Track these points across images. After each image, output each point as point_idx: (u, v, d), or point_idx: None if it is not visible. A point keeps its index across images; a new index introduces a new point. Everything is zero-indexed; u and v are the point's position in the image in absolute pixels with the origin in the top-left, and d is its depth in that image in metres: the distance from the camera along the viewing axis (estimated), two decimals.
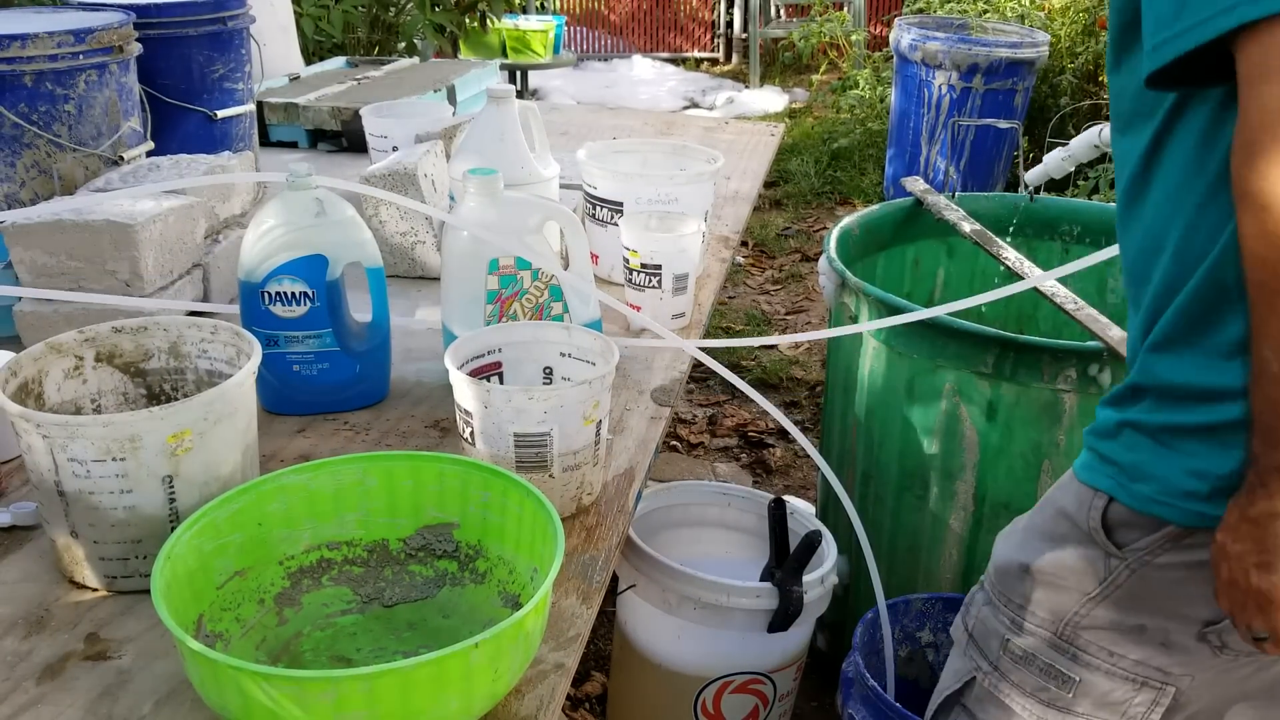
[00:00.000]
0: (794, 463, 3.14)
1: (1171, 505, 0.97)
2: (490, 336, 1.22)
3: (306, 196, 1.27)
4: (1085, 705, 1.07)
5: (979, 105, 4.77)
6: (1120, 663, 1.05)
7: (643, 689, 1.84)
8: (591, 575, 1.07)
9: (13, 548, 1.08)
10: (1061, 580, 1.07)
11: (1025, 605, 1.10)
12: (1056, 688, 1.08)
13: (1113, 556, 1.02)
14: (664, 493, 1.94)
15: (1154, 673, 1.04)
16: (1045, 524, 1.09)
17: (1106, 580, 1.03)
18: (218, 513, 0.93)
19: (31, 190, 1.61)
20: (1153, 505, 0.98)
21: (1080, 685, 1.07)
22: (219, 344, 1.12)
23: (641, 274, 1.56)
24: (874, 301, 1.85)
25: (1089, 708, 1.07)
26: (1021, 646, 1.10)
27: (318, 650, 0.97)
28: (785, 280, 4.52)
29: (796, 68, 7.80)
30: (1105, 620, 1.04)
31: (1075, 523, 1.05)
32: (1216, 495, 0.94)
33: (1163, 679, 1.03)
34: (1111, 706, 1.06)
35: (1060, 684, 1.08)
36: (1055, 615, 1.07)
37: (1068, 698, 1.08)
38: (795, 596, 1.64)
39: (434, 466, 1.01)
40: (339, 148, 2.47)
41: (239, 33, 2.04)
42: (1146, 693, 1.04)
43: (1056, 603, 1.07)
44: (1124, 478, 1.00)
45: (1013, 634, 1.11)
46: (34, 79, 1.56)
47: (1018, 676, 1.11)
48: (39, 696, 0.88)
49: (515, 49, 6.24)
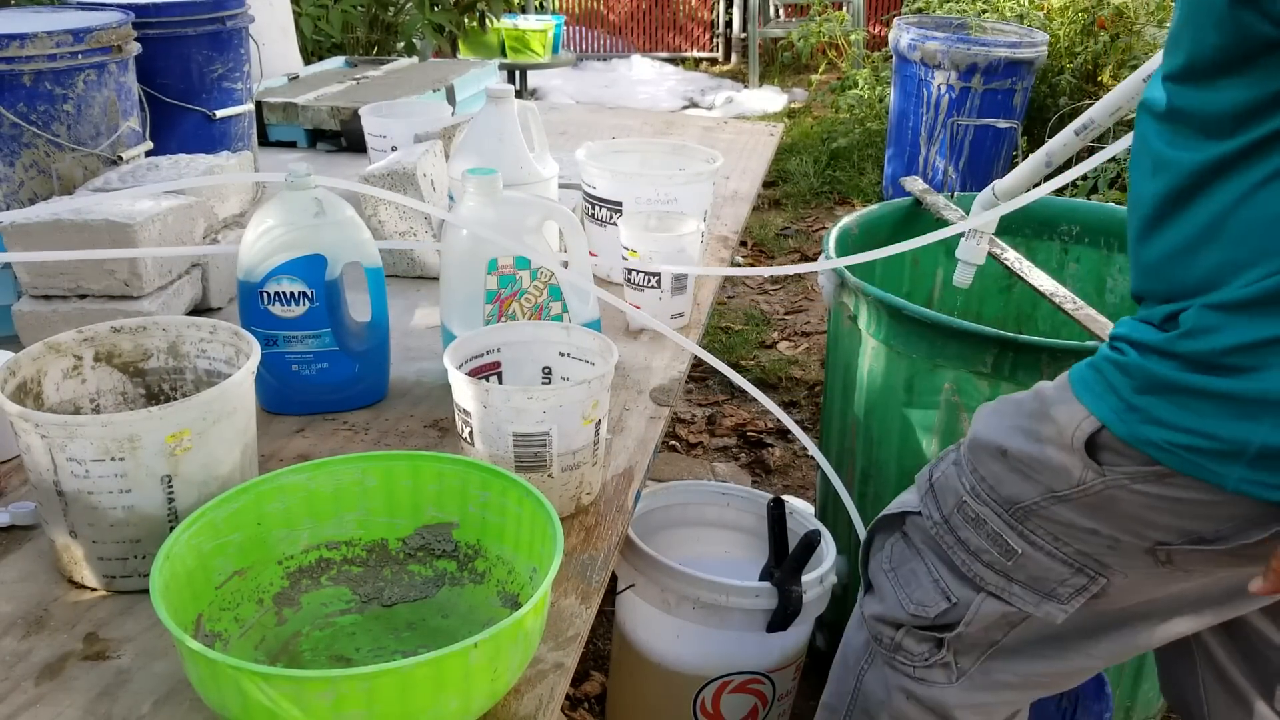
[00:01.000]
0: (793, 462, 3.14)
1: (1174, 454, 0.99)
2: (489, 336, 1.22)
3: (305, 196, 1.27)
4: (1022, 574, 1.14)
5: (978, 105, 4.77)
6: (1063, 549, 1.11)
7: (642, 689, 1.84)
8: (590, 575, 1.07)
9: (11, 547, 1.08)
10: (1032, 472, 1.11)
11: (989, 480, 1.15)
12: (998, 553, 1.15)
13: (1090, 469, 1.05)
14: (663, 492, 1.94)
15: (1091, 563, 1.10)
16: (1032, 419, 1.12)
17: (1075, 486, 1.07)
18: (217, 512, 0.93)
19: (30, 190, 1.61)
20: (1152, 449, 1.00)
21: (1020, 557, 1.13)
22: (218, 344, 1.12)
23: (640, 274, 1.56)
24: (873, 301, 1.85)
25: (1025, 577, 1.14)
26: (975, 510, 1.17)
27: (317, 650, 0.97)
28: (784, 280, 4.52)
29: (795, 67, 7.80)
30: (1061, 517, 1.10)
31: (1061, 429, 1.07)
32: (1224, 457, 0.96)
33: (1097, 569, 1.10)
34: (1042, 580, 1.13)
35: (1002, 551, 1.15)
36: (1014, 498, 1.13)
37: (1005, 564, 1.15)
38: (794, 596, 1.64)
39: (433, 466, 1.01)
40: (338, 147, 2.47)
41: (238, 32, 2.04)
42: (1080, 577, 1.11)
43: (1020, 489, 1.12)
44: (1129, 415, 1.02)
45: (970, 498, 1.17)
46: (33, 79, 1.56)
47: (964, 534, 1.18)
48: (38, 696, 0.88)
49: (514, 49, 6.25)
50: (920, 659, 1.26)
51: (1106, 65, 5.01)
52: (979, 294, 2.41)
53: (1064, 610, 1.13)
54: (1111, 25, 4.99)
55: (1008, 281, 2.36)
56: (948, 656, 1.24)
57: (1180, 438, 0.98)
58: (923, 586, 1.24)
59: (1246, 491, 0.96)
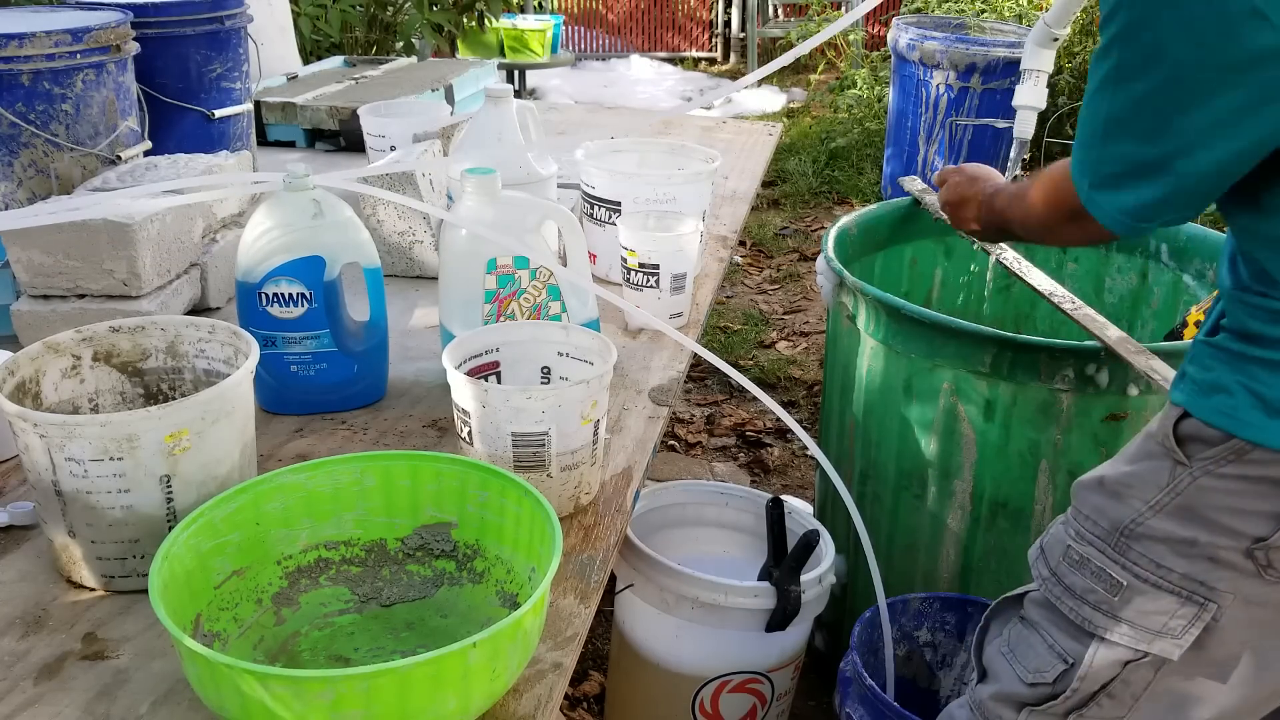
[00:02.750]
0: (792, 462, 3.14)
1: (1235, 419, 1.02)
2: (488, 336, 1.22)
3: (304, 197, 1.27)
4: (1128, 612, 1.11)
5: (976, 105, 4.77)
6: (1168, 576, 1.08)
7: (641, 688, 1.84)
8: (589, 575, 1.07)
9: (10, 547, 1.08)
10: (1128, 489, 1.11)
11: (1092, 516, 1.14)
12: (1104, 590, 1.12)
13: (1179, 464, 1.07)
14: (662, 492, 1.94)
15: (1198, 587, 1.07)
16: (1133, 447, 1.15)
17: (1168, 488, 1.07)
18: (215, 512, 0.93)
19: (29, 190, 1.61)
20: (1219, 417, 1.03)
21: (1125, 590, 1.10)
22: (216, 343, 1.12)
23: (639, 273, 1.56)
24: (872, 301, 1.85)
25: (1133, 614, 1.11)
26: (1079, 552, 1.15)
27: (315, 650, 0.97)
28: (783, 280, 4.52)
29: (794, 67, 7.80)
30: (1160, 531, 1.08)
31: (1153, 436, 1.10)
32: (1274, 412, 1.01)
33: (1206, 594, 1.07)
34: (1153, 616, 1.09)
35: (1108, 587, 1.12)
36: (1115, 523, 1.12)
37: (1113, 601, 1.11)
38: (793, 596, 1.64)
39: (432, 466, 1.01)
40: (337, 147, 2.47)
41: (237, 32, 2.03)
42: (1189, 608, 1.08)
43: (1118, 511, 1.11)
44: (1198, 392, 1.06)
45: (1074, 541, 1.16)
46: (31, 78, 1.55)
47: (1070, 580, 1.15)
48: (36, 696, 0.88)
49: (513, 48, 6.25)
50: None
51: None
52: (978, 294, 2.41)
53: (1179, 645, 1.08)
54: None
55: (1006, 281, 2.36)
56: None
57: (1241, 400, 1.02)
58: (1038, 654, 1.19)
59: None
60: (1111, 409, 1.70)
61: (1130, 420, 1.71)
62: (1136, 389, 1.67)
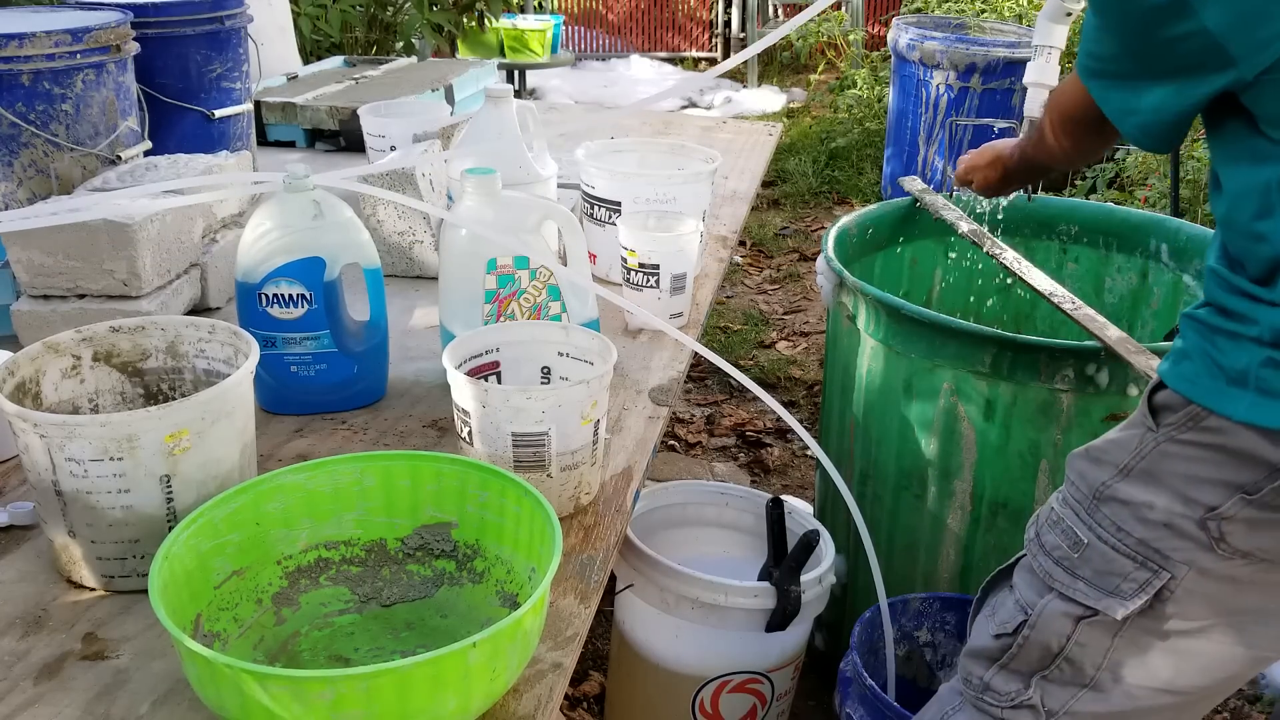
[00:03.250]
0: (792, 462, 3.14)
1: (1195, 385, 1.07)
2: (488, 336, 1.22)
3: (304, 198, 1.27)
4: (1085, 570, 1.16)
5: (976, 105, 4.77)
6: (1125, 540, 1.12)
7: (641, 688, 1.84)
8: (589, 575, 1.07)
9: (10, 547, 1.08)
10: (1105, 455, 1.16)
11: (1075, 480, 1.20)
12: (1068, 547, 1.17)
13: (1149, 430, 1.11)
14: (662, 492, 1.94)
15: (1153, 554, 1.11)
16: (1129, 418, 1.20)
17: (1135, 451, 1.12)
18: (215, 512, 0.93)
19: (29, 190, 1.61)
20: (1182, 383, 1.08)
21: (1086, 549, 1.15)
22: (216, 343, 1.12)
23: (639, 273, 1.56)
24: (872, 301, 1.85)
25: (1090, 573, 1.15)
26: (1058, 513, 1.20)
27: (315, 650, 0.97)
28: (783, 280, 4.52)
29: (794, 67, 7.80)
30: (1124, 494, 1.13)
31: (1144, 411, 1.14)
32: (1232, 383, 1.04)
33: (1160, 562, 1.11)
34: (1107, 576, 1.14)
35: (1071, 545, 1.17)
36: (1090, 486, 1.17)
37: (1074, 558, 1.17)
38: (793, 596, 1.64)
39: (432, 466, 1.01)
40: (337, 147, 2.47)
41: (236, 32, 2.03)
42: (1142, 573, 1.12)
43: (1095, 474, 1.16)
44: (1171, 361, 1.11)
45: (1057, 504, 1.22)
46: (31, 78, 1.55)
47: (1045, 538, 1.21)
48: (36, 696, 0.88)
49: (513, 48, 6.24)
50: (1007, 699, 1.23)
51: None
52: (978, 294, 2.41)
53: (1125, 606, 1.12)
54: None
55: (1006, 281, 2.36)
56: (1034, 696, 1.21)
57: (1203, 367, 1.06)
58: (1006, 608, 1.24)
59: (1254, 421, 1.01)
60: (1111, 409, 1.70)
61: None
62: (1136, 389, 1.67)
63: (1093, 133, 1.40)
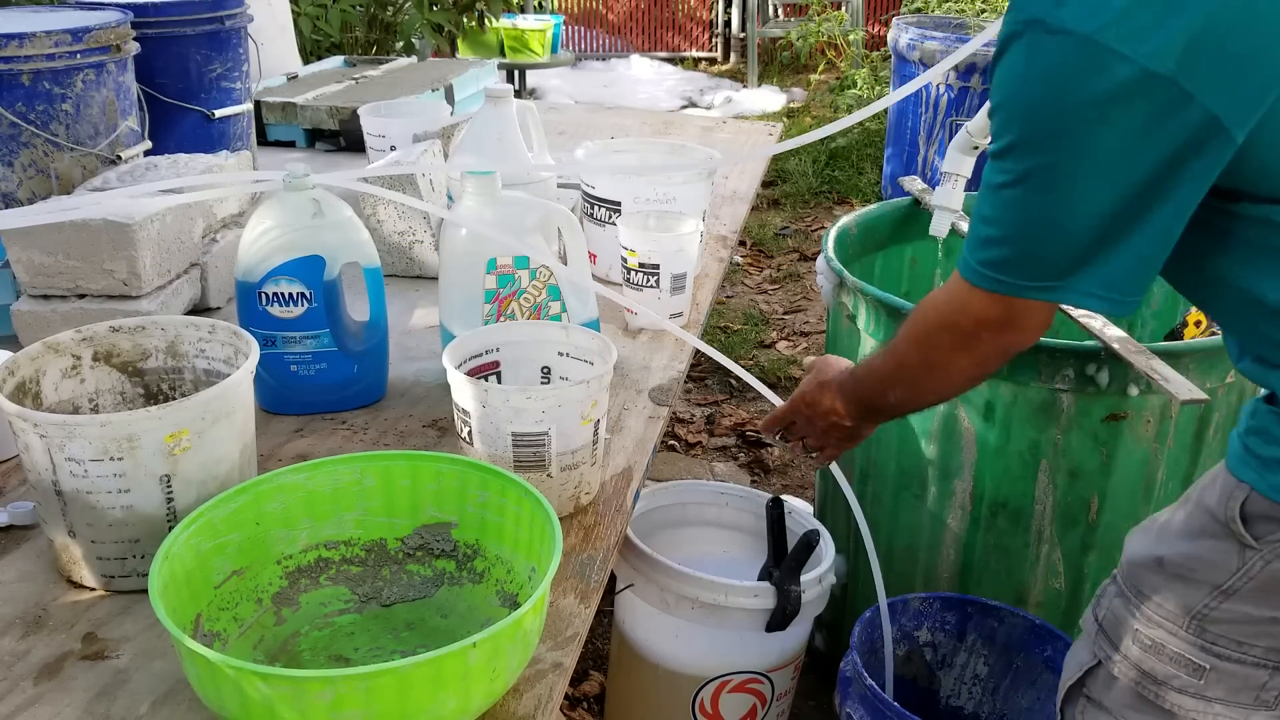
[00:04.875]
0: (792, 462, 3.14)
1: None
2: (488, 336, 1.22)
3: (304, 197, 1.27)
4: (1219, 690, 1.08)
5: (976, 105, 4.77)
6: (1250, 652, 1.06)
7: (641, 688, 1.84)
8: (589, 575, 1.07)
9: (10, 547, 1.08)
10: (1192, 573, 1.07)
11: (1155, 597, 1.11)
12: (1188, 675, 1.09)
13: (1248, 548, 1.03)
14: (662, 492, 1.94)
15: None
16: (1184, 519, 1.11)
17: (1239, 572, 1.04)
18: (215, 512, 0.93)
19: (29, 189, 1.61)
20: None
21: (1210, 673, 1.08)
22: (216, 343, 1.12)
23: (639, 273, 1.56)
24: (872, 301, 1.85)
25: (1223, 693, 1.08)
26: (1150, 636, 1.11)
27: (315, 650, 0.97)
28: (783, 280, 4.52)
29: (794, 67, 7.80)
30: (1235, 614, 1.05)
31: (1214, 516, 1.06)
32: None
33: None
34: (1247, 691, 1.07)
35: (1191, 672, 1.09)
36: (1184, 607, 1.08)
37: (1199, 684, 1.08)
38: (793, 596, 1.64)
39: (432, 466, 1.01)
40: (337, 147, 2.47)
41: (237, 32, 2.04)
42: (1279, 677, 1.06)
43: (1186, 595, 1.08)
44: (1264, 468, 1.02)
45: (1143, 624, 1.12)
46: (31, 78, 1.55)
47: (1149, 665, 1.12)
48: (36, 696, 0.88)
49: (513, 48, 6.25)
50: None
51: None
52: None
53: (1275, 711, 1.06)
54: None
55: None
56: None
57: None
58: None
59: None
60: (1111, 409, 1.70)
61: (1130, 420, 1.71)
62: (1136, 389, 1.67)
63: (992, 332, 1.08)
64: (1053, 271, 0.97)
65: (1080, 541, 1.81)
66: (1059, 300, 0.99)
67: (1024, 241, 0.98)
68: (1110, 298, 0.97)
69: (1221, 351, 1.68)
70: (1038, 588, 1.86)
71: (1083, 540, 1.81)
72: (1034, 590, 1.86)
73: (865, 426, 1.36)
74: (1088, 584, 1.85)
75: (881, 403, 1.27)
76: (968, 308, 1.04)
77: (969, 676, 1.84)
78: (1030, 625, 1.75)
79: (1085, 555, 1.82)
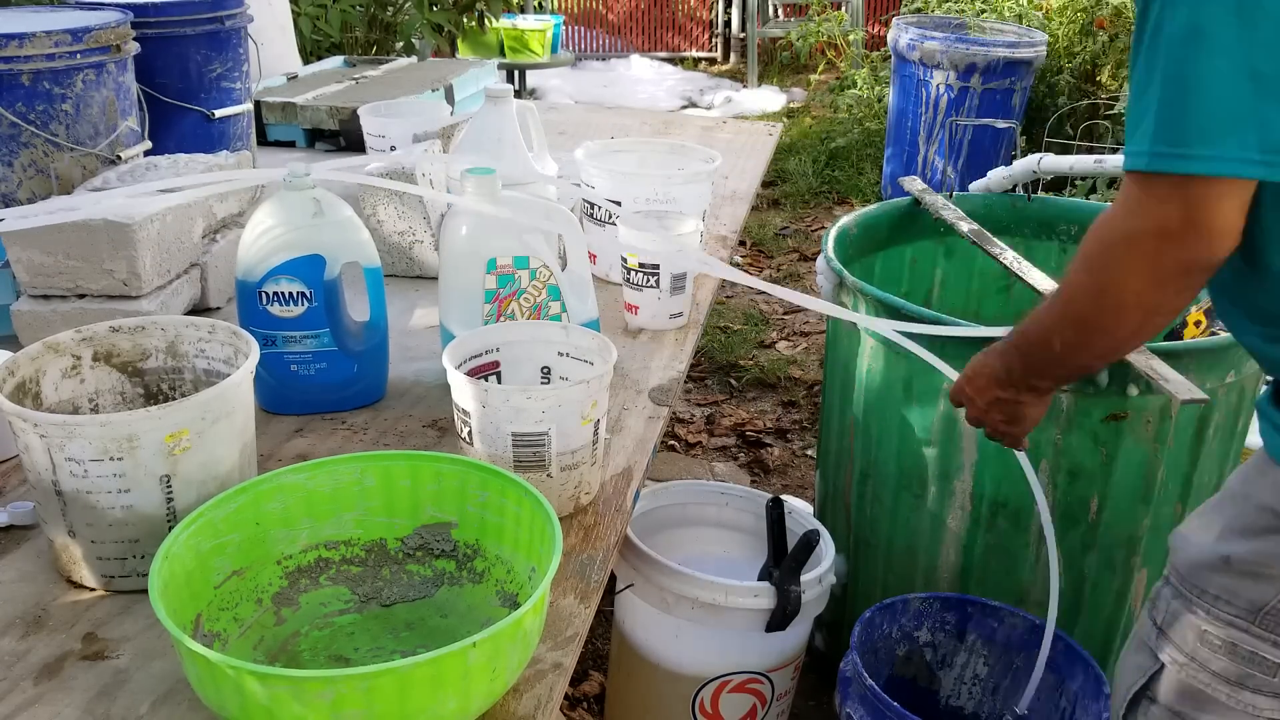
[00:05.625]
0: (792, 462, 3.14)
1: None
2: (488, 336, 1.22)
3: (304, 196, 1.27)
4: None
5: (976, 105, 4.77)
6: None
7: (641, 688, 1.84)
8: (589, 575, 1.07)
9: (10, 547, 1.08)
10: (1264, 569, 1.06)
11: (1223, 597, 1.09)
12: (1263, 674, 1.07)
13: None
14: (662, 492, 1.94)
15: None
16: (1243, 517, 1.09)
17: None
18: (215, 512, 0.93)
19: (29, 190, 1.61)
20: None
21: None
22: (216, 343, 1.12)
23: (639, 273, 1.56)
24: (872, 301, 1.85)
25: None
26: (1220, 636, 1.09)
27: (315, 650, 0.97)
28: (783, 280, 4.52)
29: (794, 67, 7.80)
30: None
31: (1271, 511, 1.04)
32: None
33: None
34: None
35: (1267, 670, 1.07)
36: (1254, 604, 1.07)
37: (1275, 682, 1.07)
38: (793, 596, 1.64)
39: (432, 466, 1.01)
40: (337, 147, 2.47)
41: (237, 32, 2.03)
42: None
43: (1257, 592, 1.06)
44: None
45: (1210, 625, 1.10)
46: (31, 78, 1.55)
47: (1219, 665, 1.10)
48: (36, 696, 0.88)
49: (513, 48, 6.24)
50: None
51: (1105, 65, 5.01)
52: (978, 294, 2.41)
53: None
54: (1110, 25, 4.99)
55: (1006, 281, 2.36)
56: None
57: None
58: None
59: None
60: (1111, 409, 1.70)
61: (1130, 420, 1.71)
62: (1136, 389, 1.67)
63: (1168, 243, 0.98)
64: (1211, 128, 0.89)
65: (1080, 541, 1.81)
66: (1222, 172, 0.90)
67: (1178, 98, 0.90)
68: (1271, 161, 0.89)
69: (1221, 351, 1.68)
70: (1038, 588, 1.86)
71: (1083, 540, 1.81)
72: (1034, 590, 1.86)
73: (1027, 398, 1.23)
74: (1088, 584, 1.85)
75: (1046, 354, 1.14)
76: (1140, 207, 0.94)
77: (969, 676, 1.84)
78: (1030, 625, 1.75)
79: (1085, 555, 1.82)
